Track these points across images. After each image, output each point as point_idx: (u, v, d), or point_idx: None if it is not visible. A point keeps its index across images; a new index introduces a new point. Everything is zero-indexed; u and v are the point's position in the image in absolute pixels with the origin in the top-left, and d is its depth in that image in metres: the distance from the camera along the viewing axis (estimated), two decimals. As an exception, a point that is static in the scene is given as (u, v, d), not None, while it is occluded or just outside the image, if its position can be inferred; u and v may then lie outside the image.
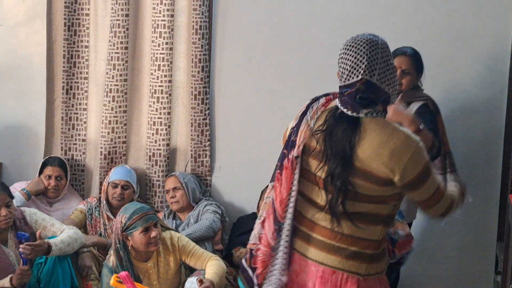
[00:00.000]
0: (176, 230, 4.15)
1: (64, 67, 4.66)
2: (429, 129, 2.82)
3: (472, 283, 4.12)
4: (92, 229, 4.33)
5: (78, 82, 4.69)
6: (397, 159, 2.21)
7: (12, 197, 3.80)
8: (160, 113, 4.51)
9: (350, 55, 2.28)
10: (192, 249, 3.62)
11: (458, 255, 4.12)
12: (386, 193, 2.28)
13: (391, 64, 2.31)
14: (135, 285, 3.23)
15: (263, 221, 2.42)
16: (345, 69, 2.29)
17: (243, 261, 2.47)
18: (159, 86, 4.48)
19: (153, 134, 4.54)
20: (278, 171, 2.39)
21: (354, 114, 2.27)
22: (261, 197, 4.23)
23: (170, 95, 4.50)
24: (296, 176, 2.34)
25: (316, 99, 2.42)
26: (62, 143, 4.73)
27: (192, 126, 4.49)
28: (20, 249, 3.51)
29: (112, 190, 4.30)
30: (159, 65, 4.46)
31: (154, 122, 4.53)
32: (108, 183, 4.33)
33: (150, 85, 4.52)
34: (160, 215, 4.35)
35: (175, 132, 4.58)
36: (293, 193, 2.34)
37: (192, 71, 4.44)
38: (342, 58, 2.31)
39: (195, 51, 4.41)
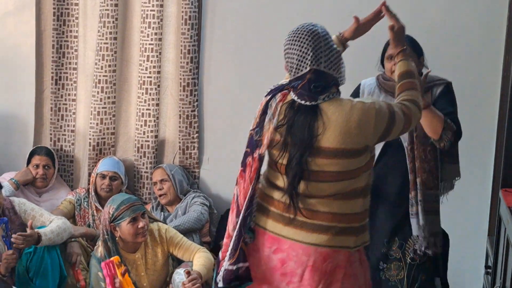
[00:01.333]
0: (164, 222, 4.16)
1: (53, 57, 4.64)
2: (451, 112, 3.01)
3: (462, 278, 4.12)
4: (80, 219, 4.33)
5: (67, 73, 4.68)
6: (364, 128, 2.39)
7: (0, 186, 3.80)
8: (149, 105, 4.50)
9: (295, 48, 2.41)
10: (179, 241, 3.62)
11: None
12: (357, 164, 2.44)
13: (334, 49, 2.44)
14: (112, 277, 3.23)
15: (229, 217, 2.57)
16: (292, 63, 2.43)
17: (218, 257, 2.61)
18: (148, 77, 4.47)
19: (141, 126, 4.53)
20: (242, 168, 2.52)
21: (313, 102, 2.41)
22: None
23: (158, 86, 4.49)
24: (257, 174, 2.48)
25: (272, 95, 2.50)
26: (51, 134, 4.72)
27: (180, 117, 4.48)
28: (12, 239, 3.52)
29: (101, 181, 4.29)
30: (147, 56, 4.45)
31: (142, 113, 4.52)
32: (97, 174, 4.33)
33: (139, 76, 4.51)
34: (148, 207, 4.35)
35: (164, 124, 4.58)
36: (252, 189, 2.47)
37: (181, 62, 4.43)
38: (287, 52, 2.45)
39: (184, 42, 4.40)
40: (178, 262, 3.67)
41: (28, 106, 4.73)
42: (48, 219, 3.89)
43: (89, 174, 4.52)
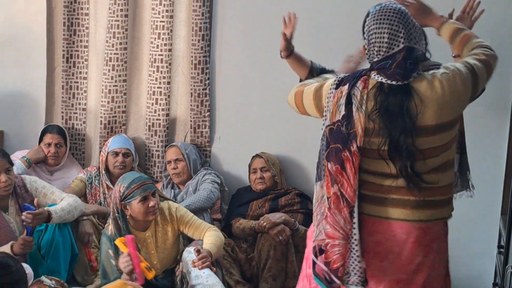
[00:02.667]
0: (175, 198, 4.16)
1: (64, 35, 4.63)
2: None
3: (474, 258, 4.09)
4: (92, 198, 4.34)
5: (78, 51, 4.66)
6: (457, 97, 2.39)
7: (12, 164, 3.82)
8: (160, 83, 4.47)
9: (385, 27, 2.38)
10: (190, 220, 3.62)
11: (460, 229, 4.06)
12: (453, 134, 2.46)
13: (416, 24, 2.44)
14: (136, 252, 3.24)
15: (326, 217, 2.46)
16: (381, 42, 2.39)
17: (314, 257, 2.50)
18: (159, 55, 4.44)
19: (152, 104, 4.51)
20: (337, 165, 2.42)
21: (405, 81, 2.38)
22: (249, 170, 4.24)
23: (170, 64, 4.46)
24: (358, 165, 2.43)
25: (351, 84, 2.44)
26: (62, 112, 4.72)
27: (191, 96, 4.46)
28: (23, 217, 3.53)
29: (114, 159, 4.29)
30: (159, 34, 4.42)
31: (153, 91, 4.50)
32: (108, 152, 4.32)
33: (150, 54, 4.48)
34: (159, 186, 4.35)
35: (175, 102, 4.55)
36: (356, 180, 2.42)
37: (192, 40, 4.39)
38: (374, 33, 2.41)
39: (195, 19, 4.36)
40: (189, 241, 3.67)
41: (39, 84, 4.73)
42: (59, 197, 3.90)
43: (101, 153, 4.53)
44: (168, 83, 4.49)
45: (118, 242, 3.32)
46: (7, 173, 3.74)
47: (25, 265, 2.77)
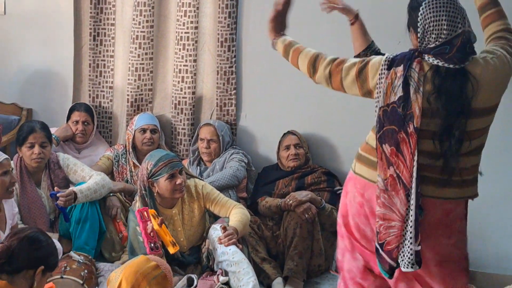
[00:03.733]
0: (201, 176, 4.17)
1: (91, 13, 4.64)
2: None
3: (503, 238, 3.99)
4: (119, 175, 4.37)
5: (105, 29, 4.67)
6: (506, 80, 2.49)
7: (50, 140, 3.89)
8: (186, 61, 4.47)
9: (443, 15, 2.43)
10: (216, 197, 3.64)
11: (490, 209, 3.91)
12: (493, 117, 2.53)
13: (463, 8, 2.48)
14: (145, 225, 3.27)
15: (377, 198, 2.50)
16: (441, 30, 2.43)
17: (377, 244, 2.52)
18: (185, 32, 4.43)
19: (178, 82, 4.52)
20: (392, 147, 2.45)
21: (461, 65, 2.43)
22: (279, 147, 4.22)
23: (196, 42, 4.46)
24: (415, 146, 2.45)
25: (406, 67, 2.45)
26: (89, 90, 4.75)
27: (218, 74, 4.45)
28: (59, 202, 3.66)
29: (141, 136, 4.31)
30: (185, 11, 4.40)
31: (180, 69, 4.50)
32: (135, 130, 4.34)
33: (176, 32, 4.47)
34: (185, 162, 4.37)
35: (201, 80, 4.55)
36: (414, 162, 2.43)
37: (219, 17, 4.37)
38: (433, 22, 2.44)
39: (222, -3, 4.35)
40: (215, 218, 3.69)
41: (66, 62, 4.76)
42: (88, 174, 3.96)
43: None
44: (194, 61, 4.48)
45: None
46: (42, 146, 3.83)
47: (54, 240, 2.81)
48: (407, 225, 2.44)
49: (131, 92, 4.58)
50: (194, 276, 3.26)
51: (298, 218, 3.80)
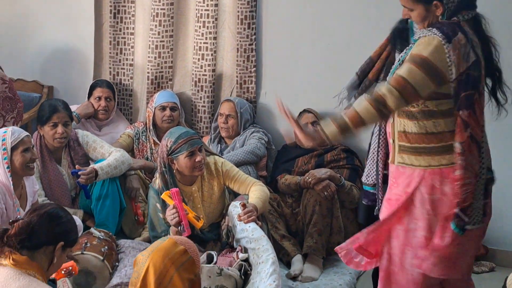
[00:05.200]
0: (221, 153, 4.18)
1: (111, -10, 4.64)
2: None
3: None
4: (139, 153, 4.39)
5: (125, 6, 4.67)
6: None
7: (71, 118, 3.92)
8: (206, 38, 4.46)
9: None
10: (235, 174, 3.64)
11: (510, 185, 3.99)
12: None
13: None
14: (182, 204, 3.28)
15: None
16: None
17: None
18: (205, 10, 4.42)
19: (199, 59, 4.51)
20: (469, 110, 2.48)
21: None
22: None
23: (216, 19, 4.44)
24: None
25: (463, 32, 2.49)
26: (110, 68, 4.76)
27: (238, 51, 4.43)
28: (80, 180, 3.73)
29: (161, 113, 4.32)
30: (205, -12, 4.39)
31: (200, 47, 4.49)
32: (155, 107, 4.35)
33: (196, 9, 4.46)
34: (206, 140, 4.37)
35: (221, 58, 4.53)
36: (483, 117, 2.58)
37: (239, -5, 4.35)
38: None
39: (242, -26, 4.31)
40: (235, 195, 3.69)
41: (87, 40, 4.77)
42: (108, 151, 3.98)
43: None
44: (215, 38, 4.47)
45: (164, 196, 3.37)
46: (65, 126, 3.86)
47: (74, 217, 2.83)
48: (479, 182, 2.52)
49: (151, 69, 4.58)
50: (213, 253, 3.27)
51: (317, 196, 3.79)
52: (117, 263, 3.44)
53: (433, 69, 2.45)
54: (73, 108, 4.48)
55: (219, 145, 4.38)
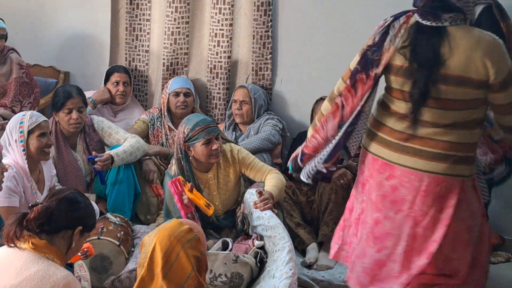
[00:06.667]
0: (236, 141, 4.17)
1: (127, -24, 4.63)
2: None
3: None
4: (154, 139, 4.40)
5: (141, -8, 4.67)
6: (489, 59, 2.41)
7: (86, 103, 3.93)
8: (222, 25, 4.44)
9: None
10: (251, 162, 3.63)
11: None
12: (478, 96, 2.48)
13: None
14: (180, 194, 3.29)
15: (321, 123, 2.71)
16: None
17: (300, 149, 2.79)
18: (222, -4, 4.41)
19: (214, 46, 4.50)
20: (349, 83, 2.57)
21: (438, 23, 2.43)
22: (313, 112, 4.18)
23: (232, 6, 4.42)
24: (370, 91, 2.56)
25: (395, 18, 2.52)
26: (126, 54, 4.75)
27: (254, 38, 4.41)
28: (96, 166, 3.75)
29: (175, 99, 4.32)
30: (222, -25, 4.38)
31: (216, 33, 4.48)
32: (169, 93, 4.35)
33: (213, -5, 4.45)
34: (221, 127, 4.37)
35: (237, 44, 4.52)
36: (361, 103, 2.59)
37: (255, -19, 4.33)
38: None
39: (258, -40, 4.29)
40: (250, 183, 3.69)
41: (103, 26, 4.77)
42: (123, 137, 4.00)
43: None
44: (230, 25, 4.45)
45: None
46: (79, 111, 3.87)
47: (91, 202, 2.85)
48: (326, 146, 2.68)
49: (167, 56, 4.58)
50: (229, 240, 3.28)
51: (333, 184, 3.78)
52: (132, 249, 3.46)
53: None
54: (89, 94, 4.50)
55: (233, 132, 4.37)
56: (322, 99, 4.18)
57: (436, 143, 2.51)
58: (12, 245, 2.35)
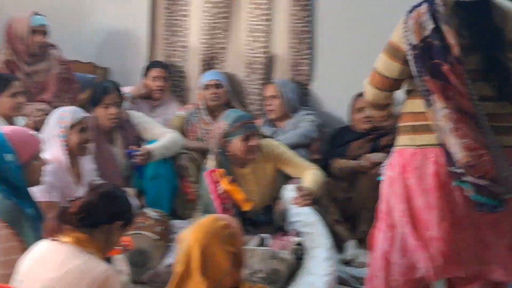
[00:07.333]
0: (273, 136, 4.16)
1: (166, -28, 4.65)
2: None
3: None
4: (191, 134, 4.40)
5: (179, -12, 4.67)
6: None
7: (122, 98, 3.95)
8: (259, 20, 4.43)
9: None
10: (289, 157, 3.62)
11: None
12: None
13: None
14: (215, 186, 3.28)
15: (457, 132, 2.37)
16: None
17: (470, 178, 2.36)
18: (260, -9, 4.40)
19: (251, 42, 4.48)
20: (439, 82, 2.36)
21: None
22: (352, 109, 4.15)
23: (270, 0, 4.41)
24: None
25: (429, 2, 2.43)
26: (164, 50, 4.77)
27: (291, 33, 4.39)
28: (137, 160, 3.80)
29: (206, 92, 4.33)
30: (259, -30, 4.36)
31: (253, 29, 4.46)
32: (201, 88, 4.38)
33: (250, -9, 4.44)
34: (258, 123, 4.35)
35: (274, 40, 4.50)
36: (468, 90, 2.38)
37: (293, -24, 4.31)
38: None
39: (296, -46, 4.27)
40: (288, 178, 3.67)
41: (141, 22, 4.79)
42: (160, 132, 4.03)
43: (199, 90, 4.57)
44: (268, 20, 4.43)
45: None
46: (117, 106, 3.89)
47: (130, 197, 2.88)
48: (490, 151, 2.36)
49: (204, 51, 4.58)
50: (266, 236, 3.27)
51: (372, 180, 3.74)
52: (171, 243, 3.47)
53: (392, 47, 2.50)
54: (127, 89, 4.53)
55: (271, 128, 4.36)
56: (362, 95, 4.14)
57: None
58: (54, 238, 2.38)
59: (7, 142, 2.67)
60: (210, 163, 3.60)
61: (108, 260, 2.77)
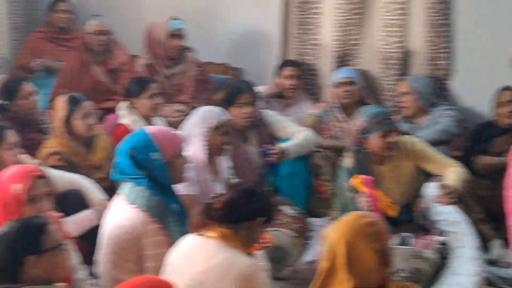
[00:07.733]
0: (411, 133, 4.06)
1: (299, -29, 4.66)
2: None
3: None
4: (325, 132, 4.38)
5: (313, -14, 4.67)
6: None
7: (256, 97, 4.01)
8: (395, 14, 4.34)
9: None
10: (429, 154, 3.53)
11: None
12: None
13: None
14: (375, 193, 3.22)
15: None
16: None
17: None
18: (395, -15, 4.31)
19: (386, 36, 4.40)
20: None
21: None
22: (497, 104, 3.97)
23: (405, -6, 4.32)
24: None
25: None
26: (296, 48, 4.78)
27: (429, 27, 4.27)
28: (272, 159, 3.83)
29: (339, 90, 4.31)
30: (394, -37, 4.27)
31: (388, 23, 4.38)
32: (333, 85, 4.35)
33: (385, -15, 4.36)
34: (396, 119, 4.26)
35: (410, 34, 4.39)
36: None
37: (430, -33, 4.18)
38: None
39: None
40: (428, 176, 3.56)
41: (273, 21, 4.83)
42: (294, 130, 4.04)
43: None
44: (403, 14, 4.33)
45: (356, 181, 3.33)
46: (251, 105, 3.94)
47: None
48: None
49: (337, 48, 4.55)
50: (408, 235, 3.19)
51: (519, 178, 3.56)
52: (308, 241, 3.46)
53: None
54: (261, 88, 4.57)
55: (407, 125, 4.25)
56: (507, 88, 3.96)
57: None
58: (199, 233, 2.44)
59: (153, 141, 2.77)
60: (347, 161, 3.56)
61: (249, 256, 2.81)
